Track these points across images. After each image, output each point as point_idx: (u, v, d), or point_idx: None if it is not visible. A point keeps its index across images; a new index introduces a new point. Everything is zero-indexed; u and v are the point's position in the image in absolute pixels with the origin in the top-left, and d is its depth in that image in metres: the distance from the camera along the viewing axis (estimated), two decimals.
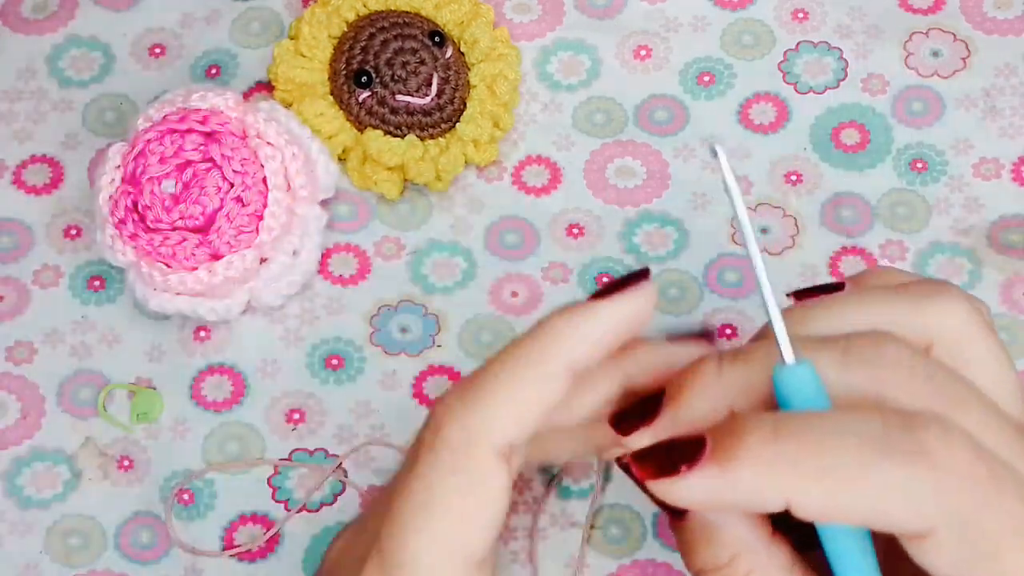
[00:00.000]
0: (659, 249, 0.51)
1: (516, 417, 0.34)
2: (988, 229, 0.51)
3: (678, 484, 0.32)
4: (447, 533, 0.34)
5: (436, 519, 0.34)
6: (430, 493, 0.34)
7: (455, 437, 0.34)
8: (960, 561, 0.31)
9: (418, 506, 0.34)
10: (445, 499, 0.34)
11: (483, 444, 0.34)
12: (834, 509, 0.30)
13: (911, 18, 0.54)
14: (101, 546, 0.48)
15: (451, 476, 0.34)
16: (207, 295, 0.49)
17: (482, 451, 0.34)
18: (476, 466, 0.34)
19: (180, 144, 0.48)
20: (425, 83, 0.51)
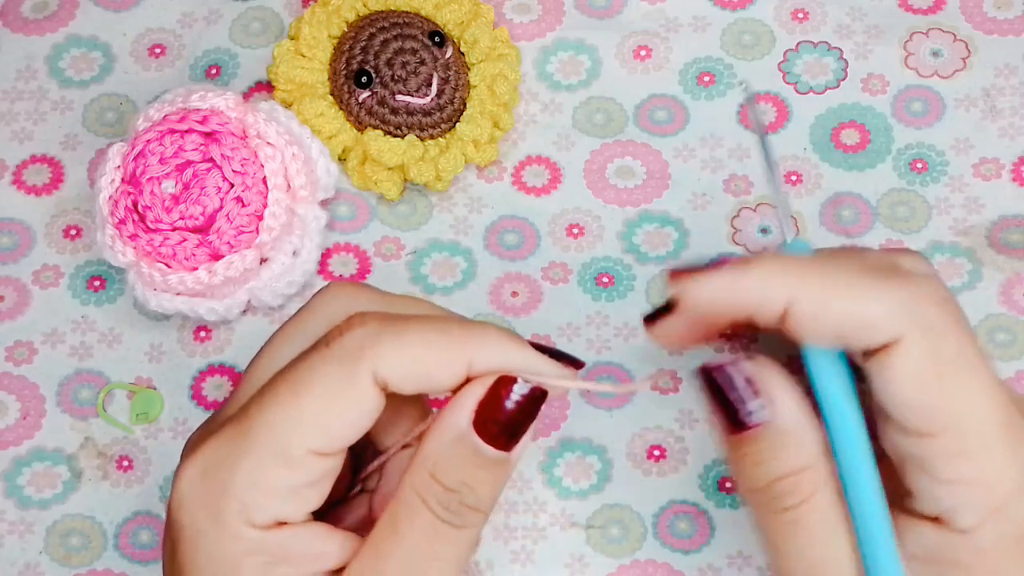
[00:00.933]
0: (659, 249, 0.51)
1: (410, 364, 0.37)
2: (988, 229, 0.51)
3: (701, 279, 0.38)
4: (307, 417, 0.37)
5: (303, 400, 0.37)
6: (308, 374, 0.37)
7: (353, 346, 0.37)
8: (921, 373, 0.36)
9: (291, 385, 0.37)
10: (319, 388, 0.37)
11: (371, 364, 0.36)
12: (823, 312, 0.37)
13: (911, 18, 0.54)
14: (101, 546, 0.48)
15: (333, 369, 0.37)
16: (207, 295, 0.49)
17: (367, 366, 0.36)
18: (356, 373, 0.36)
19: (180, 144, 0.48)
20: (425, 83, 0.51)
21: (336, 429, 0.37)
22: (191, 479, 0.38)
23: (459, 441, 0.37)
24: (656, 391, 0.49)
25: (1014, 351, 0.49)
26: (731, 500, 0.48)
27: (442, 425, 0.38)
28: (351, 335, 0.37)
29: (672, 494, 0.48)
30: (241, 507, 0.37)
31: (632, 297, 0.50)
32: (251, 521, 0.37)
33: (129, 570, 0.48)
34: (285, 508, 0.37)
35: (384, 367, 0.37)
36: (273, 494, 0.37)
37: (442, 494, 0.37)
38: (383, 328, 0.37)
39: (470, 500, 0.37)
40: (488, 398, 0.38)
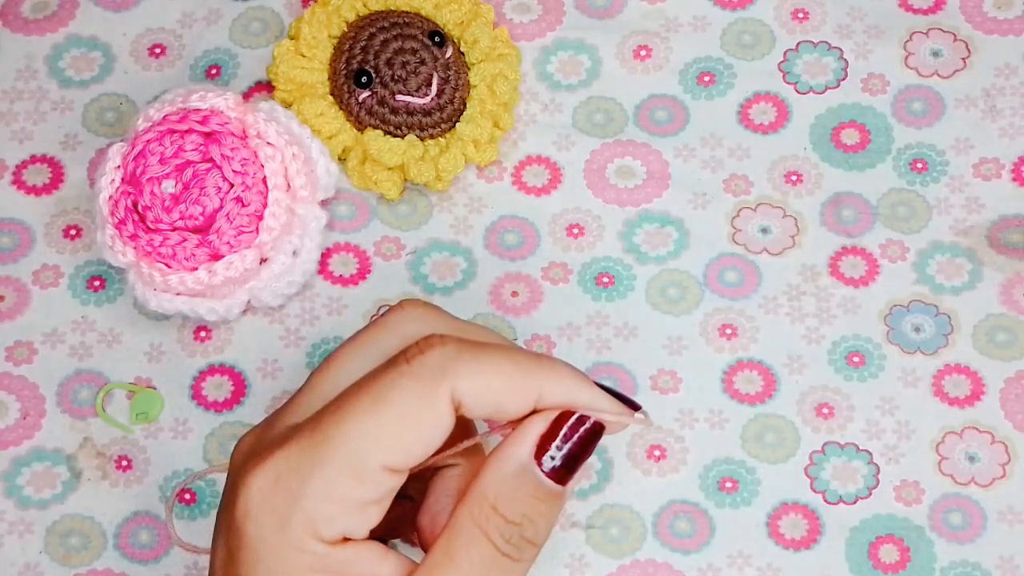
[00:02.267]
0: (659, 249, 0.51)
1: (485, 389, 0.37)
2: (988, 229, 0.51)
3: None
4: (385, 431, 0.36)
5: (382, 415, 0.36)
6: (388, 389, 0.37)
7: (435, 364, 0.37)
8: None
9: (371, 399, 0.37)
10: (399, 404, 0.36)
11: (451, 383, 0.37)
12: None
13: (911, 18, 0.54)
14: (101, 546, 0.48)
15: (414, 386, 0.37)
16: (207, 295, 0.49)
17: (447, 387, 0.37)
18: (436, 392, 0.36)
19: (180, 144, 0.48)
20: (425, 83, 0.51)
21: (411, 446, 0.37)
22: (261, 488, 0.37)
23: (521, 474, 0.37)
24: (656, 391, 0.49)
25: (1014, 351, 0.49)
26: (731, 500, 0.48)
27: (503, 456, 0.38)
28: (432, 354, 0.37)
29: (672, 494, 0.48)
30: (309, 519, 0.36)
31: (632, 297, 0.50)
32: (318, 534, 0.37)
33: (129, 570, 0.48)
34: (351, 523, 0.37)
35: (461, 389, 0.37)
36: (343, 507, 0.37)
37: (503, 526, 0.37)
38: (462, 351, 0.37)
39: (529, 533, 0.37)
40: (550, 432, 0.38)
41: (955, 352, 0.49)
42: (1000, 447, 0.48)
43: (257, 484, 0.37)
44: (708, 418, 0.48)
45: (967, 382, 0.49)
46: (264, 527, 0.37)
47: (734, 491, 0.48)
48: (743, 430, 0.48)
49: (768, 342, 0.50)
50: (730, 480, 0.48)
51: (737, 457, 0.48)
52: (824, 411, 0.49)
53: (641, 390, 0.49)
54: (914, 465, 0.48)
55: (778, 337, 0.50)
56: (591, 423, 0.38)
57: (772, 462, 0.48)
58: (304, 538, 0.36)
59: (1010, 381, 0.49)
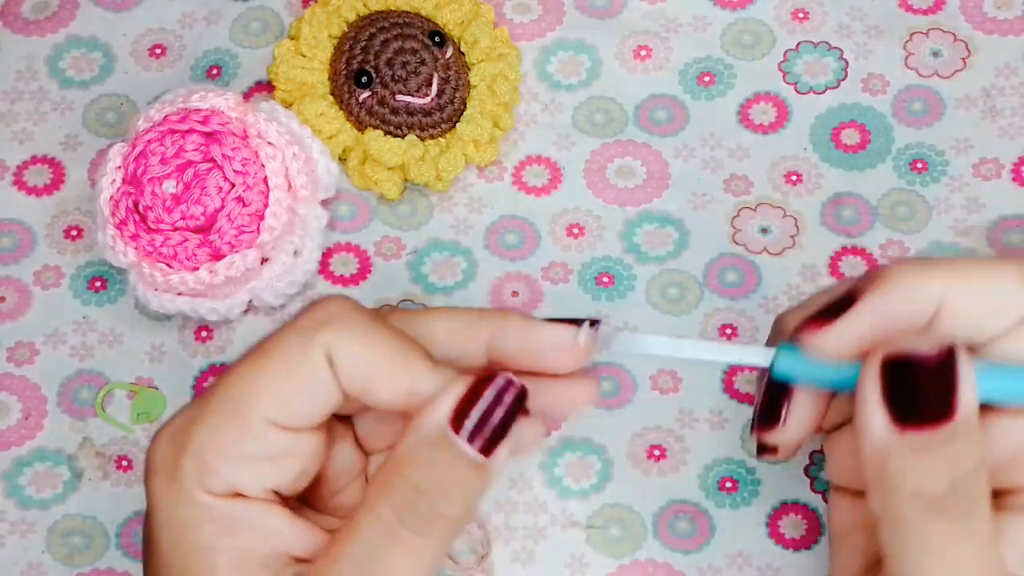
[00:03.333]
0: (659, 249, 0.51)
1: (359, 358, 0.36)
2: (988, 229, 0.51)
3: (849, 320, 0.36)
4: (266, 383, 0.36)
5: (263, 367, 0.36)
6: (272, 342, 0.37)
7: (319, 317, 0.37)
8: None
9: (257, 353, 0.37)
10: (278, 355, 0.36)
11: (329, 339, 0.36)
12: (978, 298, 0.35)
13: (911, 18, 0.54)
14: (103, 545, 0.48)
15: (292, 340, 0.36)
16: (208, 295, 0.49)
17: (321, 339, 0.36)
18: (314, 346, 0.36)
19: (181, 144, 0.48)
20: (425, 83, 0.51)
21: (293, 402, 0.36)
22: (160, 445, 0.37)
23: (434, 438, 0.35)
24: (656, 391, 0.49)
25: None
26: (731, 500, 0.48)
27: (417, 422, 0.36)
28: (322, 306, 0.37)
29: (672, 494, 0.48)
30: (197, 470, 0.36)
31: (632, 297, 0.50)
32: (205, 485, 0.36)
33: (132, 568, 0.48)
34: (240, 476, 0.36)
35: (334, 347, 0.36)
36: (227, 459, 0.36)
37: (409, 494, 0.35)
38: (352, 313, 0.37)
39: (442, 506, 0.35)
40: (468, 394, 0.36)
41: None
42: None
43: (158, 442, 0.37)
44: (708, 418, 0.49)
45: None
46: (160, 482, 0.37)
47: (734, 491, 0.48)
48: (743, 430, 0.49)
49: None
50: (730, 480, 0.48)
51: (737, 457, 0.48)
52: None
53: (641, 390, 0.49)
54: None
55: None
56: (517, 387, 0.36)
57: (772, 462, 0.48)
58: (192, 489, 0.36)
59: None
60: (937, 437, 0.34)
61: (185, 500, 0.36)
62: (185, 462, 0.36)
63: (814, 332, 0.36)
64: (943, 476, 0.34)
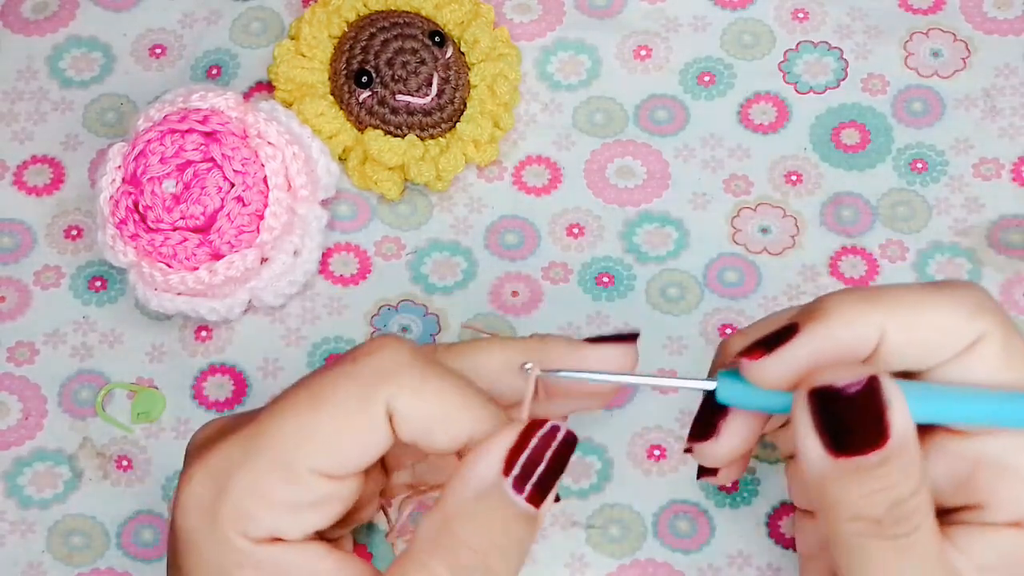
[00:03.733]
0: (659, 249, 0.51)
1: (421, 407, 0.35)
2: (988, 229, 0.51)
3: (787, 351, 0.36)
4: (319, 431, 0.35)
5: (317, 413, 0.35)
6: (327, 392, 0.35)
7: (379, 367, 0.35)
8: (1005, 364, 0.36)
9: (309, 396, 0.35)
10: (336, 403, 0.35)
11: (391, 392, 0.35)
12: (918, 331, 0.36)
13: (911, 18, 0.54)
14: (103, 545, 0.48)
15: (352, 390, 0.35)
16: (208, 295, 0.49)
17: (384, 393, 0.35)
18: (376, 400, 0.35)
19: (181, 144, 0.48)
20: (425, 83, 0.51)
21: (343, 451, 0.35)
22: (194, 484, 0.36)
23: (488, 495, 0.34)
24: (656, 391, 0.49)
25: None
26: (731, 500, 0.48)
27: (466, 476, 0.34)
28: (379, 356, 0.35)
29: (672, 494, 0.48)
30: (237, 516, 0.35)
31: (632, 297, 0.50)
32: (244, 531, 0.35)
33: (132, 568, 0.48)
34: (281, 524, 0.35)
35: (398, 399, 0.35)
36: (270, 507, 0.35)
37: (464, 555, 0.34)
38: (414, 359, 0.35)
39: (496, 566, 0.34)
40: (518, 444, 0.35)
41: None
42: None
43: (192, 480, 0.36)
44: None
45: None
46: (195, 521, 0.36)
47: (734, 491, 0.48)
48: None
49: None
50: None
51: None
52: None
53: (641, 390, 0.49)
54: None
55: None
56: (564, 432, 0.35)
57: (772, 461, 0.48)
58: (231, 534, 0.35)
59: None
60: (870, 462, 0.34)
61: (224, 544, 0.36)
62: (225, 508, 0.35)
63: (754, 360, 0.36)
64: (880, 500, 0.34)
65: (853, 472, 0.34)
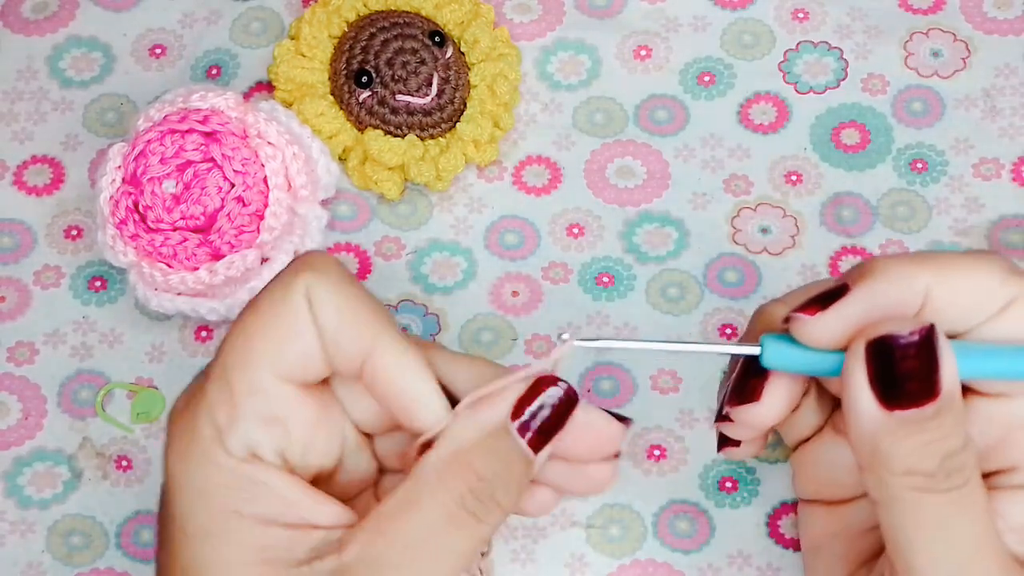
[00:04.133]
0: (659, 249, 0.51)
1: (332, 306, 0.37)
2: (988, 229, 0.51)
3: (842, 307, 0.37)
4: (258, 331, 0.37)
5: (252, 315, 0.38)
6: (259, 296, 0.38)
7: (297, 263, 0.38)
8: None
9: (248, 309, 0.38)
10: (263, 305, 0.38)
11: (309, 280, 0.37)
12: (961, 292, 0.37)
13: (911, 18, 0.54)
14: (103, 545, 0.48)
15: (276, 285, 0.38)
16: (208, 295, 0.49)
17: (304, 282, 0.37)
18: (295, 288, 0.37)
19: (181, 144, 0.48)
20: (425, 83, 0.51)
21: (285, 350, 0.37)
22: (174, 416, 0.38)
23: (499, 434, 0.37)
24: (656, 391, 0.49)
25: None
26: (731, 500, 0.48)
27: (479, 415, 0.37)
28: (300, 257, 0.38)
29: (672, 494, 0.48)
30: (213, 431, 0.37)
31: (632, 297, 0.50)
32: (224, 445, 0.37)
33: (132, 568, 0.48)
34: (254, 436, 0.37)
35: (315, 290, 0.37)
36: (241, 417, 0.37)
37: (475, 482, 0.36)
38: (332, 264, 0.38)
39: (499, 495, 0.37)
40: (527, 395, 0.37)
41: None
42: None
43: (174, 412, 0.38)
44: (708, 418, 0.49)
45: None
46: (178, 450, 0.37)
47: (734, 491, 0.48)
48: None
49: None
50: (730, 480, 0.48)
51: None
52: None
53: (641, 390, 0.49)
54: None
55: None
56: (565, 391, 0.37)
57: (772, 461, 0.48)
58: (211, 450, 0.37)
59: None
60: (923, 415, 0.35)
61: (205, 463, 0.37)
62: (201, 424, 0.37)
63: (809, 316, 0.37)
64: (933, 453, 0.35)
65: (907, 425, 0.35)
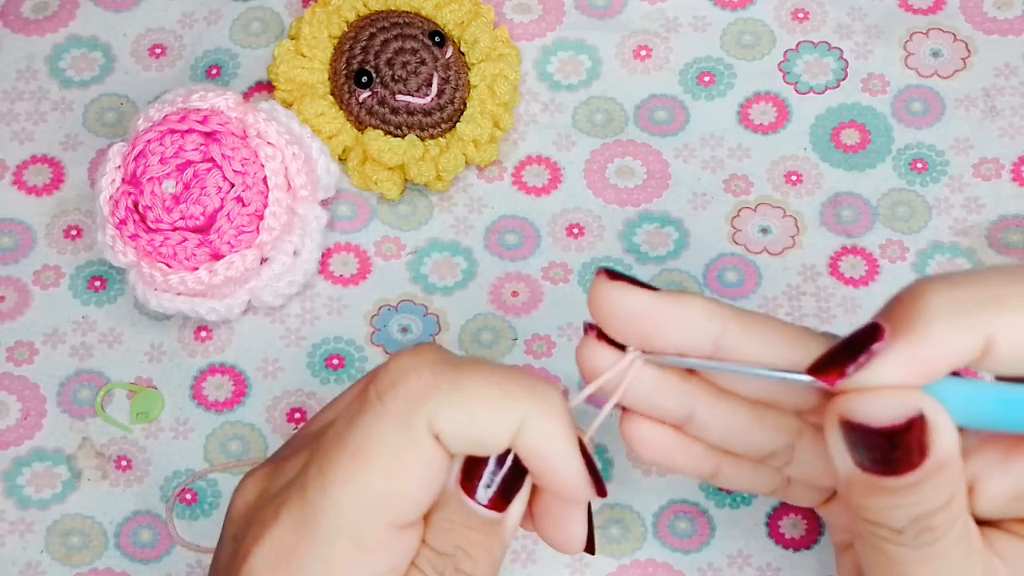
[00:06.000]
0: (659, 249, 0.51)
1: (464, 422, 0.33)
2: (988, 229, 0.51)
3: (872, 368, 0.32)
4: (375, 487, 0.33)
5: (366, 470, 0.33)
6: (366, 443, 0.33)
7: (410, 397, 0.33)
8: None
9: (350, 454, 0.33)
10: (379, 452, 0.33)
11: (429, 415, 0.33)
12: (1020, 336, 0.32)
13: (911, 18, 0.54)
14: (102, 545, 0.48)
15: (391, 431, 0.33)
16: (208, 295, 0.49)
17: (426, 420, 0.33)
18: (418, 430, 0.33)
19: (180, 144, 0.48)
20: (425, 83, 0.51)
21: (407, 497, 0.34)
22: (262, 567, 0.34)
23: (448, 501, 0.34)
24: None
25: None
26: (731, 500, 0.48)
27: None
28: (403, 384, 0.33)
29: (672, 494, 0.48)
30: None
31: None
32: None
33: (131, 568, 0.48)
34: None
35: (440, 420, 0.33)
36: None
37: (434, 559, 0.34)
38: (439, 376, 0.34)
39: (465, 566, 0.34)
40: (472, 456, 0.34)
41: None
42: None
43: (257, 563, 0.34)
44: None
45: None
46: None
47: (735, 491, 0.48)
48: None
49: None
50: None
51: None
52: None
53: None
54: None
55: None
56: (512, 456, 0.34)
57: None
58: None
59: None
60: (898, 483, 0.33)
61: None
62: None
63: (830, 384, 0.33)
64: (903, 515, 0.33)
65: (879, 488, 0.33)
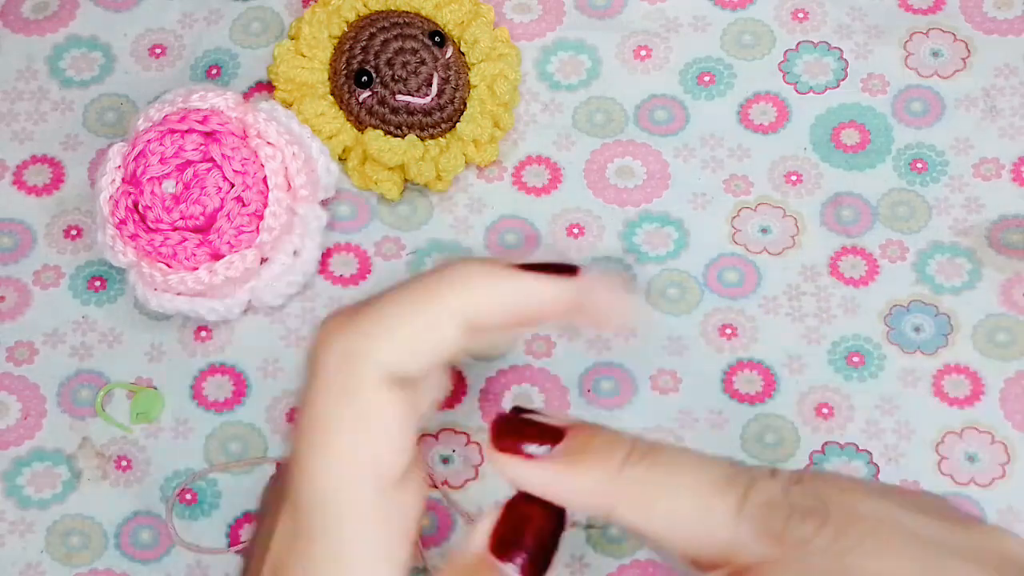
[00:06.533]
0: (659, 249, 0.51)
1: (400, 350, 0.32)
2: (988, 229, 0.51)
3: (522, 466, 0.32)
4: (345, 461, 0.32)
5: (332, 450, 0.32)
6: (321, 423, 0.32)
7: (334, 361, 0.32)
8: None
9: (313, 441, 0.33)
10: (336, 428, 0.32)
11: (365, 367, 0.32)
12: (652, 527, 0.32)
13: (911, 18, 0.54)
14: (101, 545, 0.48)
15: (338, 404, 0.32)
16: (208, 295, 0.49)
17: (365, 374, 0.32)
18: (360, 389, 0.32)
19: (180, 144, 0.48)
20: (425, 83, 0.51)
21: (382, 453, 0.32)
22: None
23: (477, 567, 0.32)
24: (656, 391, 0.49)
25: (1014, 351, 0.49)
26: None
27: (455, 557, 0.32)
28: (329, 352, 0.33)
29: None
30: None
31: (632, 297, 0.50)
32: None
33: (131, 569, 0.48)
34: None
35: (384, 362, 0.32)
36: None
37: None
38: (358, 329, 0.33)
39: None
40: (505, 515, 0.32)
41: (955, 352, 0.49)
42: (1000, 447, 0.48)
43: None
44: (708, 418, 0.49)
45: (967, 382, 0.49)
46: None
47: None
48: (743, 430, 0.48)
49: (768, 342, 0.50)
50: None
51: (737, 457, 0.48)
52: (824, 411, 0.49)
53: (641, 390, 0.49)
54: (914, 465, 0.48)
55: (778, 337, 0.50)
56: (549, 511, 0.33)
57: (772, 463, 0.48)
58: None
59: (1009, 381, 0.49)
60: None
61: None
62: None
63: None
64: None
65: None
